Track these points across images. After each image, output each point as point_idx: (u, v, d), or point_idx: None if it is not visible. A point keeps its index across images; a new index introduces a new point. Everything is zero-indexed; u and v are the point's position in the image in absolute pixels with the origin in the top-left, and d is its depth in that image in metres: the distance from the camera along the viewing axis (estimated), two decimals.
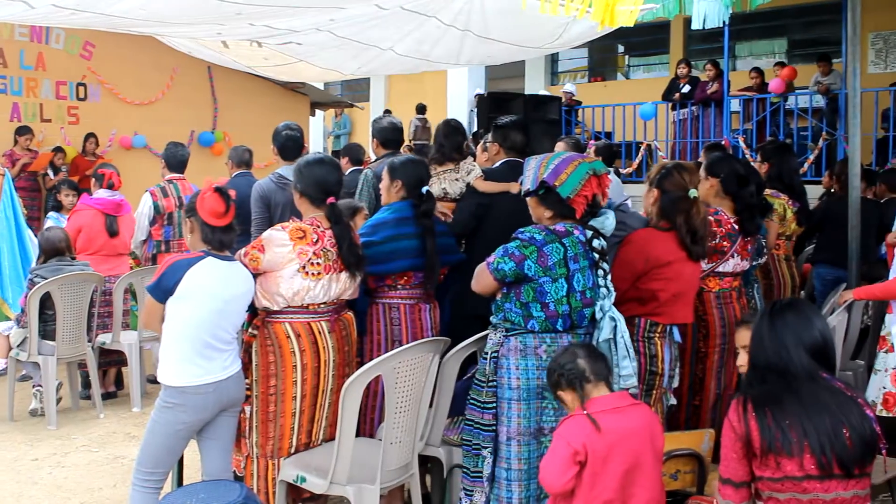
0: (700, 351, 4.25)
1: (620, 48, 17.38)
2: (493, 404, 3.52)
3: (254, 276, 3.71)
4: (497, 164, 5.05)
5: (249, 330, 3.83)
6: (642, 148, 12.65)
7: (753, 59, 15.14)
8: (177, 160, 7.07)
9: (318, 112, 15.82)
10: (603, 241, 3.58)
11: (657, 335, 3.84)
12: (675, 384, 3.96)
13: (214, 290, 3.52)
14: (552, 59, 17.49)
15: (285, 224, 3.83)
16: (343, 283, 3.86)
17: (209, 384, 3.54)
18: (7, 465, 5.32)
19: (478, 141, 7.00)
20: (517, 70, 16.91)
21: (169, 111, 12.33)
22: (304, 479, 3.66)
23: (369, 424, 4.15)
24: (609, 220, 3.61)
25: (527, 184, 3.62)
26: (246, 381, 3.78)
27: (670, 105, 12.54)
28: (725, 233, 4.26)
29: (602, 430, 2.95)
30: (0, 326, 6.64)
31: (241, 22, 4.90)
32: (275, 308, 3.76)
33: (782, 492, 2.58)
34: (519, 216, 3.79)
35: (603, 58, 17.49)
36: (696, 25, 5.37)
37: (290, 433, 3.78)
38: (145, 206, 6.85)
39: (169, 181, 7.00)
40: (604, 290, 3.54)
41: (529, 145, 5.13)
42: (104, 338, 6.59)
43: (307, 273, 3.72)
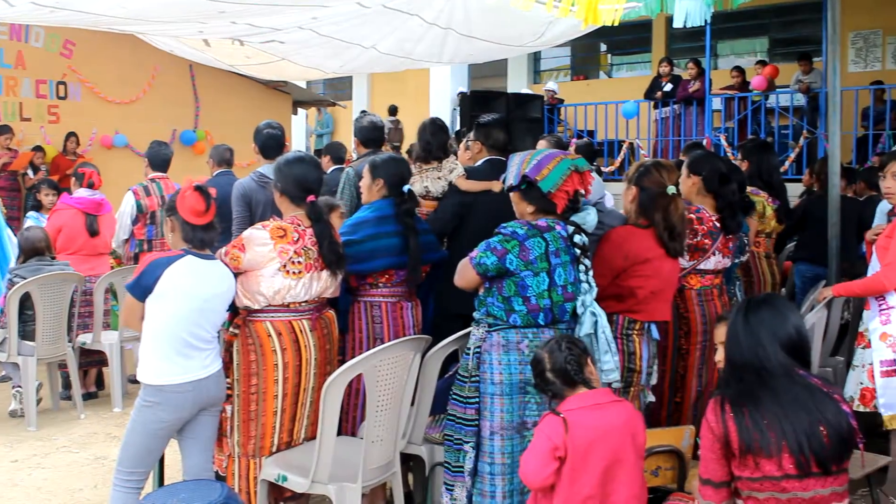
0: (682, 348, 4.27)
1: (603, 47, 17.43)
2: (476, 399, 3.53)
3: (235, 274, 3.69)
4: (479, 162, 5.05)
5: (230, 329, 3.82)
6: (624, 146, 12.68)
7: (735, 57, 15.23)
8: (160, 159, 7.04)
9: (300, 111, 15.81)
10: (584, 237, 3.60)
11: (635, 332, 3.86)
12: (654, 381, 3.98)
13: (194, 288, 3.51)
14: (535, 58, 17.52)
15: (266, 223, 3.81)
16: (324, 282, 3.85)
17: (189, 383, 3.52)
18: None
19: (460, 139, 7.00)
20: (500, 69, 16.94)
21: (150, 110, 12.28)
22: (285, 478, 3.65)
23: (351, 423, 4.15)
24: (590, 215, 3.64)
25: (510, 179, 3.64)
26: (227, 380, 3.77)
27: (652, 103, 12.57)
28: (707, 230, 4.28)
29: (582, 427, 2.95)
30: None
31: (223, 20, 4.88)
32: (256, 307, 3.74)
33: (761, 491, 2.59)
34: (501, 215, 3.80)
35: (585, 56, 17.54)
36: (678, 24, 5.39)
37: (272, 432, 3.77)
38: (128, 204, 6.81)
39: (152, 180, 6.96)
40: (585, 286, 3.56)
41: (512, 144, 5.14)
42: (85, 338, 6.55)
43: (288, 272, 3.71)
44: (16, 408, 6.32)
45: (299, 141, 18.76)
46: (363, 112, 6.09)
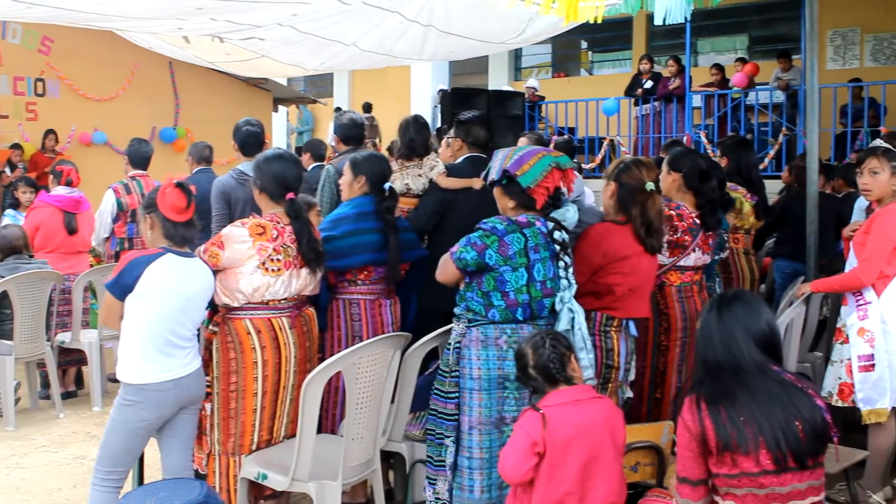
0: (661, 344, 4.29)
1: (584, 44, 17.47)
2: (456, 394, 3.54)
3: (214, 272, 3.68)
4: (459, 159, 5.06)
5: (210, 327, 3.80)
6: (605, 143, 12.74)
7: (715, 55, 15.32)
8: (140, 157, 6.99)
9: (280, 108, 15.75)
10: (565, 233, 3.61)
11: (613, 329, 3.87)
12: (631, 377, 4.00)
13: (174, 286, 3.49)
14: (516, 55, 17.54)
15: (245, 220, 3.80)
16: (304, 279, 3.84)
17: (169, 381, 3.50)
18: None
19: (441, 137, 7.00)
20: (481, 66, 16.95)
21: (130, 107, 12.20)
22: (265, 477, 3.64)
23: (331, 421, 4.14)
24: (570, 212, 3.64)
25: (492, 174, 3.67)
26: (207, 378, 3.76)
27: (633, 101, 12.63)
28: (687, 227, 4.30)
29: (561, 423, 2.96)
30: None
31: (202, 17, 4.86)
32: (235, 304, 3.73)
33: (739, 488, 2.60)
34: (481, 212, 3.80)
35: (566, 53, 17.58)
36: (658, 21, 5.39)
37: (252, 430, 3.76)
38: (108, 202, 6.76)
39: (132, 178, 6.91)
40: (564, 282, 3.58)
41: (492, 141, 5.15)
42: (63, 336, 6.50)
43: (267, 269, 3.70)
44: None
45: (280, 138, 18.70)
46: (341, 109, 6.08)
